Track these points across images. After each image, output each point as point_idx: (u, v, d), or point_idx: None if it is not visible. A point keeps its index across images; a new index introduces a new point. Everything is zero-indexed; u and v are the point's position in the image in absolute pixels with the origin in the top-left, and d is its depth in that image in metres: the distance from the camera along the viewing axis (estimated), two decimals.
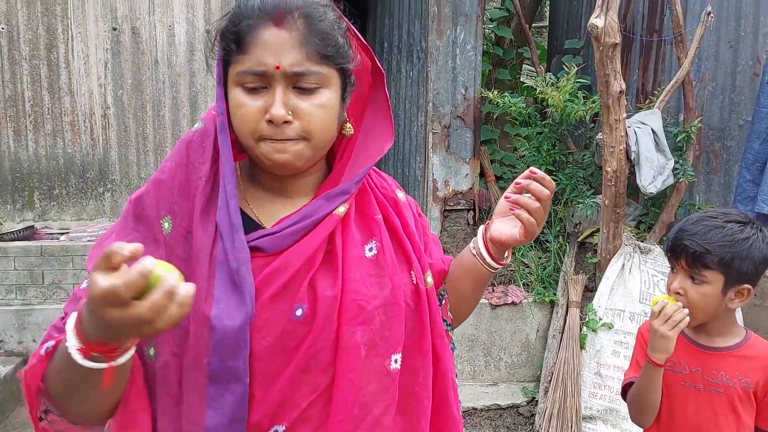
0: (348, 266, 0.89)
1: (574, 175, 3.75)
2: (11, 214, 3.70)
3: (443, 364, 1.00)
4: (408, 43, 4.05)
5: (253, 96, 0.85)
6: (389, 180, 1.08)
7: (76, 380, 0.75)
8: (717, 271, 1.37)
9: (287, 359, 0.85)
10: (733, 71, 3.79)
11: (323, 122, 0.86)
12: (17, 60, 3.59)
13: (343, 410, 0.87)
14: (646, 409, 1.46)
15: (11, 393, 3.16)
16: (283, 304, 0.85)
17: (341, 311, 0.87)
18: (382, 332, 0.91)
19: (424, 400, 0.97)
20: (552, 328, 3.42)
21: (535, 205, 0.94)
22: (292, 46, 0.83)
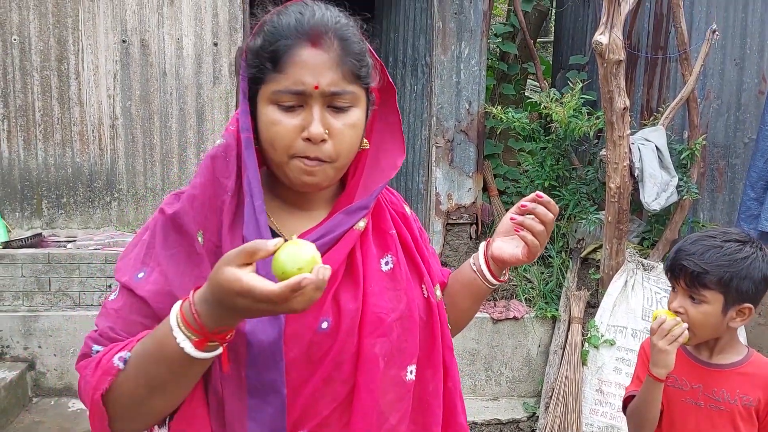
0: (368, 280, 0.92)
1: (577, 191, 3.76)
2: (20, 221, 3.75)
3: (452, 375, 1.04)
4: (413, 57, 4.08)
5: (288, 114, 0.86)
6: (397, 195, 1.11)
7: (175, 376, 0.79)
8: (716, 290, 1.37)
9: (312, 370, 0.88)
10: (738, 89, 3.79)
11: (352, 141, 0.90)
12: (28, 70, 3.65)
13: (363, 419, 0.90)
14: (645, 423, 1.47)
15: (16, 398, 3.19)
16: (309, 317, 0.87)
17: (362, 324, 0.90)
18: (399, 344, 0.94)
19: (435, 409, 1.00)
20: (554, 343, 3.42)
21: (540, 228, 0.99)
22: (329, 67, 0.86)
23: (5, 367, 3.26)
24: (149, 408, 0.82)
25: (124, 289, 0.89)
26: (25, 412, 3.22)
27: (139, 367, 0.80)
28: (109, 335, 0.86)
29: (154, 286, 0.86)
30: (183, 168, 3.77)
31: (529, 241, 0.99)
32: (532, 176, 3.84)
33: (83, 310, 3.41)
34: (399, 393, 0.94)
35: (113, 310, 0.88)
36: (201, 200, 0.88)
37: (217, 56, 3.72)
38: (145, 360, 0.79)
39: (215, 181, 0.89)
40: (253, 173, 0.88)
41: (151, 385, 0.80)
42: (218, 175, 0.89)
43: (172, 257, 0.87)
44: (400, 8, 4.25)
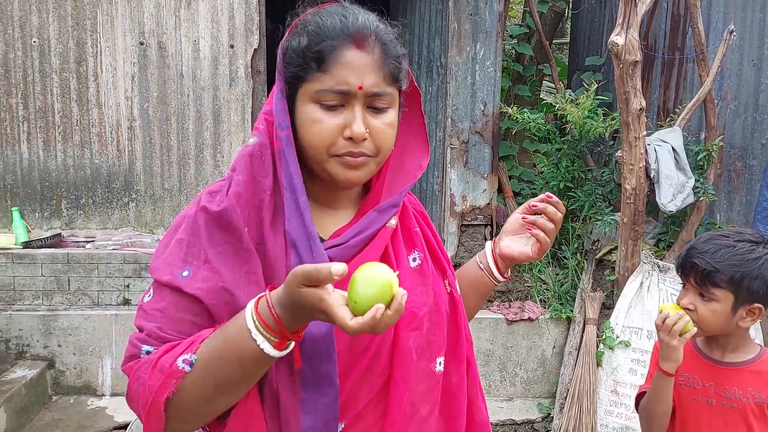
0: (401, 275, 0.93)
1: (592, 192, 3.75)
2: (39, 222, 3.80)
3: (473, 368, 1.07)
4: (428, 58, 4.09)
5: (330, 113, 0.89)
6: (413, 195, 1.14)
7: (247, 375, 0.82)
8: (726, 289, 1.38)
9: (354, 362, 0.90)
10: (756, 90, 3.76)
11: (390, 140, 0.93)
12: (48, 73, 3.70)
13: (398, 410, 0.93)
14: (654, 419, 1.48)
15: (36, 396, 3.24)
16: None
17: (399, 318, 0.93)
18: (429, 337, 0.97)
19: (461, 399, 1.03)
20: (568, 344, 3.41)
21: (551, 227, 1.07)
22: (372, 69, 0.89)
23: (26, 366, 3.31)
24: (212, 408, 0.84)
25: (167, 288, 0.89)
26: (45, 410, 3.27)
27: (210, 369, 0.81)
28: (159, 335, 0.86)
29: (205, 284, 0.87)
30: (200, 169, 3.81)
31: (542, 239, 1.06)
32: (547, 178, 3.83)
33: (102, 309, 3.46)
34: (429, 384, 0.98)
35: (157, 310, 0.88)
36: (245, 198, 0.90)
37: (233, 58, 3.75)
38: (218, 362, 0.81)
39: (254, 180, 0.91)
40: (295, 170, 0.91)
41: (220, 385, 0.82)
42: (256, 174, 0.91)
43: (221, 254, 0.88)
44: (416, 9, 4.26)
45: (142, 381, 0.83)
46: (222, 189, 0.92)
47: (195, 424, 0.87)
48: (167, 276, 0.89)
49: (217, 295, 0.86)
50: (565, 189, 3.79)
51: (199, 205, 0.92)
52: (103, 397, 3.41)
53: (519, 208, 1.13)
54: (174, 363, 0.82)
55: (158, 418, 0.82)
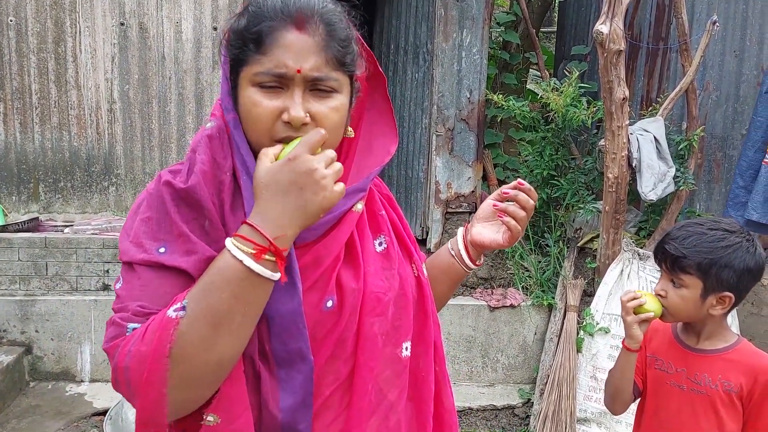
0: (366, 260, 0.94)
1: (575, 181, 3.77)
2: (16, 205, 3.73)
3: (440, 352, 1.06)
4: (414, 45, 4.06)
5: (269, 96, 0.86)
6: (379, 178, 1.12)
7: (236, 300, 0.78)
8: (695, 276, 1.40)
9: (316, 349, 0.88)
10: (737, 81, 3.80)
11: (335, 125, 0.89)
12: (25, 52, 3.62)
13: (363, 397, 0.92)
14: (616, 392, 1.53)
15: (13, 382, 3.19)
16: (316, 295, 0.88)
17: (362, 303, 0.92)
18: (394, 322, 0.96)
19: (429, 384, 1.02)
20: (549, 331, 3.45)
21: (522, 214, 1.06)
22: (314, 51, 0.85)
23: (2, 351, 3.26)
24: (217, 353, 0.79)
25: (143, 266, 0.85)
26: (22, 396, 3.22)
27: (202, 303, 0.78)
28: (143, 312, 0.83)
29: (191, 256, 0.85)
30: (181, 153, 3.76)
31: (512, 227, 1.06)
32: (532, 166, 3.85)
33: (80, 294, 3.41)
34: (396, 370, 0.97)
35: (137, 289, 0.85)
36: (210, 176, 0.88)
37: (216, 40, 3.69)
38: (209, 296, 0.78)
39: (214, 161, 0.89)
40: (247, 151, 0.89)
41: (216, 319, 0.78)
42: (215, 155, 0.90)
43: (193, 231, 0.86)
44: None
45: (134, 351, 0.78)
46: (183, 168, 0.90)
47: (199, 385, 0.81)
48: (141, 254, 0.86)
49: (205, 265, 0.83)
50: (548, 177, 3.81)
51: (161, 181, 0.89)
52: (81, 383, 3.37)
53: (491, 195, 1.12)
54: (165, 317, 0.79)
55: (161, 383, 0.76)
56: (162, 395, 0.77)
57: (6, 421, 2.98)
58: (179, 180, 0.88)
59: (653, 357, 1.53)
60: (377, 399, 0.94)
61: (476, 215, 1.13)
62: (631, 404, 1.57)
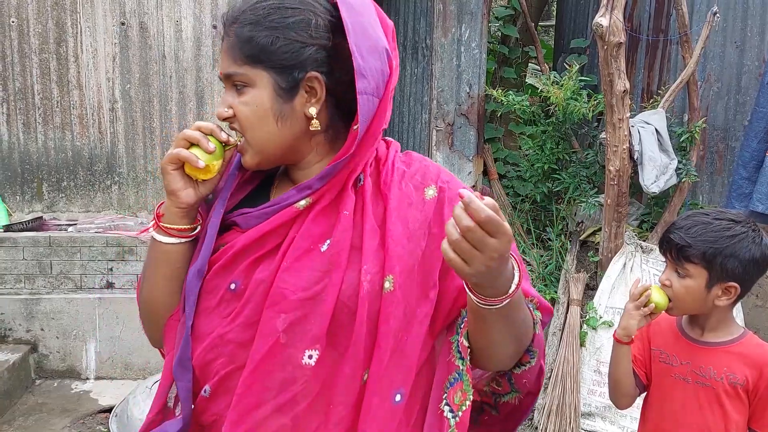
0: (289, 256, 0.93)
1: (577, 174, 3.77)
2: (20, 205, 3.75)
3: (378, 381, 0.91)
4: (413, 40, 4.07)
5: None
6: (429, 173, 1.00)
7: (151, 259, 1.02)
8: (700, 265, 1.39)
9: (219, 324, 0.95)
10: (738, 72, 3.79)
11: (249, 119, 0.95)
12: (27, 53, 3.64)
13: (246, 385, 0.91)
14: (615, 385, 1.53)
15: (19, 380, 3.22)
16: (225, 275, 0.96)
17: (268, 296, 0.92)
18: (302, 325, 0.90)
19: (340, 408, 0.91)
20: (552, 325, 3.44)
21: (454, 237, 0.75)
22: (225, 52, 0.96)
23: (8, 350, 3.29)
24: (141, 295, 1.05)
25: None
26: (28, 394, 3.25)
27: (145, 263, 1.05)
28: None
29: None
30: None
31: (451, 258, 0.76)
32: (532, 160, 3.84)
33: (85, 292, 3.43)
34: (291, 374, 0.90)
35: None
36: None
37: (216, 39, 3.70)
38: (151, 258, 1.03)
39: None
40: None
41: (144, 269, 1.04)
42: None
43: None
44: None
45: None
46: None
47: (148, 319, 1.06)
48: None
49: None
50: (549, 171, 3.81)
51: None
52: (87, 380, 3.39)
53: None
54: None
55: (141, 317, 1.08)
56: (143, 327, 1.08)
57: (13, 419, 3.01)
58: None
59: (658, 350, 1.52)
60: (263, 395, 0.90)
61: None
62: (637, 398, 1.57)
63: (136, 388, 2.97)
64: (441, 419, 0.93)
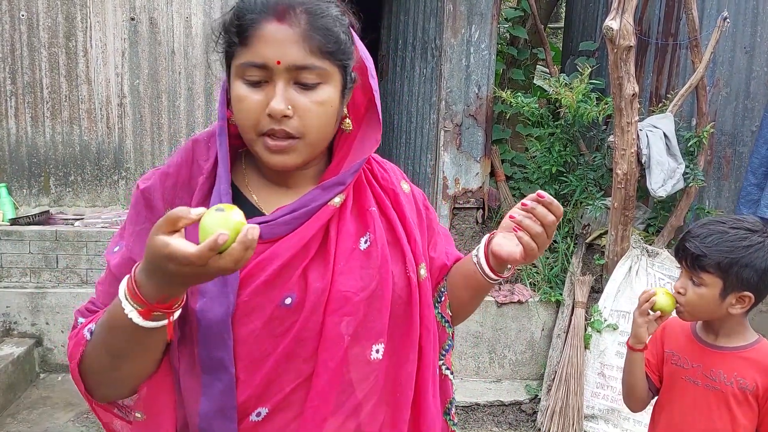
0: (339, 258, 0.91)
1: (584, 177, 3.76)
2: (27, 198, 3.76)
3: (426, 357, 1.00)
4: (422, 40, 4.06)
5: (254, 90, 0.86)
6: (394, 171, 1.07)
7: (131, 345, 0.81)
8: (715, 275, 1.39)
9: (274, 345, 0.88)
10: (747, 77, 3.78)
11: (320, 119, 0.87)
12: (36, 47, 3.64)
13: (321, 396, 0.89)
14: (629, 390, 1.54)
15: (23, 374, 3.22)
16: (274, 291, 0.87)
17: (328, 302, 0.89)
18: (366, 323, 0.92)
19: (407, 391, 0.98)
20: (557, 327, 3.45)
21: (538, 230, 0.91)
22: (295, 42, 0.84)
23: (13, 343, 3.29)
24: (119, 375, 0.85)
25: (106, 263, 0.95)
26: (32, 388, 3.25)
27: (100, 337, 0.83)
28: (91, 308, 0.93)
29: (119, 260, 0.91)
30: None
31: (525, 243, 0.92)
32: (540, 162, 3.84)
33: (90, 287, 3.43)
34: (363, 372, 0.93)
35: (98, 284, 0.94)
36: (174, 179, 0.91)
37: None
38: (104, 331, 0.83)
39: (194, 163, 0.91)
40: (223, 158, 0.89)
41: (113, 353, 0.83)
42: (197, 158, 0.91)
43: (140, 232, 0.90)
44: None
45: (68, 348, 0.89)
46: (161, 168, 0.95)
47: (113, 389, 0.88)
48: (108, 253, 0.95)
49: (125, 270, 0.84)
50: (556, 173, 3.81)
51: (137, 182, 0.96)
52: None
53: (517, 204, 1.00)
54: (81, 332, 0.87)
55: (78, 382, 0.87)
56: (81, 389, 0.88)
57: (17, 412, 3.01)
58: (144, 179, 0.94)
59: (671, 353, 1.52)
60: (340, 399, 0.91)
61: (501, 224, 1.01)
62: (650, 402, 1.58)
63: None
64: (446, 381, 1.09)
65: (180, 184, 0.90)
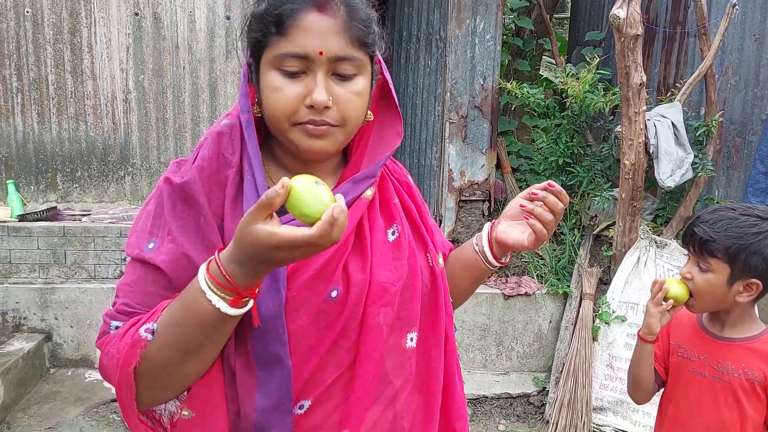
0: (374, 250, 0.93)
1: (591, 168, 3.73)
2: (35, 194, 3.78)
3: (451, 344, 1.04)
4: (427, 32, 4.04)
5: (291, 80, 0.85)
6: (400, 165, 1.12)
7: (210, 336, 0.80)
8: (722, 261, 1.38)
9: (319, 338, 0.89)
10: (757, 65, 3.73)
11: (357, 109, 0.88)
12: (41, 43, 3.65)
13: (364, 386, 0.91)
14: (635, 381, 1.53)
15: (33, 368, 3.25)
16: (321, 285, 0.88)
17: (369, 293, 0.91)
18: (399, 313, 0.95)
19: (438, 376, 1.01)
20: (565, 319, 3.43)
21: (549, 218, 1.00)
22: (336, 33, 0.84)
23: (23, 338, 3.32)
24: (183, 373, 0.83)
25: (137, 262, 0.88)
26: (42, 382, 3.28)
27: (172, 335, 0.80)
28: (126, 311, 0.87)
29: (169, 256, 0.86)
30: (195, 142, 3.76)
31: (538, 230, 0.99)
32: (546, 153, 3.81)
33: (98, 282, 3.45)
34: (400, 361, 0.96)
35: (126, 285, 0.88)
36: (208, 172, 0.89)
37: (230, 30, 3.70)
38: (178, 326, 0.80)
39: (220, 156, 0.89)
40: (254, 150, 0.89)
41: (186, 349, 0.81)
42: (223, 151, 0.90)
43: (183, 227, 0.87)
44: None
45: (111, 355, 0.83)
46: (188, 161, 0.92)
47: (169, 391, 0.85)
48: (136, 250, 0.88)
49: (180, 267, 0.85)
50: (564, 164, 3.78)
51: (163, 176, 0.91)
52: None
53: (521, 193, 1.07)
54: (137, 333, 0.82)
55: (129, 389, 0.82)
56: (132, 396, 0.82)
57: (28, 407, 3.04)
58: (180, 174, 0.90)
59: (677, 345, 1.51)
60: (379, 389, 0.94)
61: (504, 212, 1.08)
62: (655, 394, 1.56)
63: None
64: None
65: (212, 177, 0.89)
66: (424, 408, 1.00)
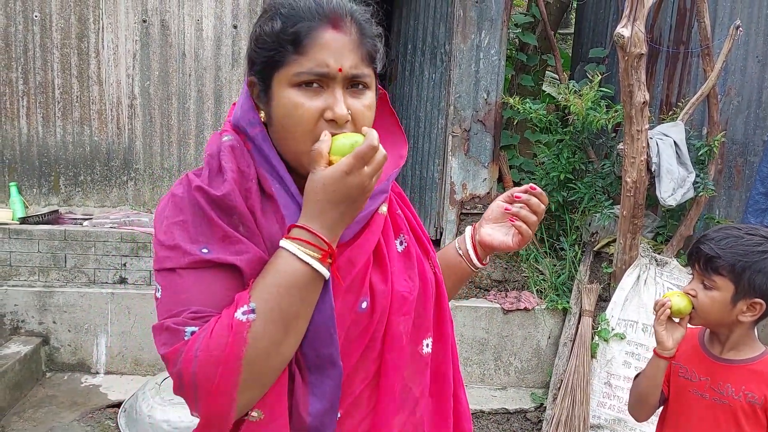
0: (392, 260, 0.96)
1: (592, 184, 3.74)
2: (37, 198, 3.78)
3: (454, 347, 1.08)
4: (432, 45, 4.06)
5: (310, 97, 0.86)
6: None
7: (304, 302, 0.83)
8: (727, 278, 1.38)
9: (350, 349, 0.90)
10: (759, 86, 3.75)
11: (369, 122, 0.91)
12: (48, 48, 3.67)
13: (389, 394, 0.94)
14: (641, 398, 1.52)
15: (30, 372, 3.24)
16: (352, 296, 0.89)
17: (391, 303, 0.94)
18: (416, 320, 0.98)
19: (449, 380, 1.04)
20: (563, 335, 3.42)
21: (533, 219, 1.06)
22: (351, 50, 0.87)
23: (20, 341, 3.31)
24: (283, 355, 0.82)
25: (188, 269, 0.84)
26: (38, 386, 3.27)
27: (273, 309, 0.80)
28: (199, 315, 0.82)
29: (242, 255, 0.84)
30: (199, 150, 3.79)
31: (524, 231, 1.06)
32: (548, 168, 3.83)
33: (98, 287, 3.45)
34: (418, 367, 0.99)
35: (182, 293, 0.83)
36: (238, 185, 0.88)
37: (236, 38, 3.72)
38: (278, 299, 0.80)
39: (239, 170, 0.89)
40: (278, 161, 0.90)
41: (286, 321, 0.81)
42: (239, 165, 0.90)
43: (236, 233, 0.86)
44: None
45: (202, 357, 0.77)
46: (204, 173, 0.90)
47: (267, 383, 0.83)
48: (185, 258, 0.84)
49: (255, 264, 0.84)
50: (565, 180, 3.79)
51: (193, 186, 0.87)
52: (97, 374, 3.41)
53: (501, 196, 1.12)
54: (233, 320, 0.79)
55: (233, 387, 0.78)
56: (232, 398, 0.78)
57: (23, 411, 3.03)
58: (214, 186, 0.87)
59: (678, 364, 1.51)
60: (403, 396, 0.96)
61: (485, 216, 1.13)
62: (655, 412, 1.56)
63: (145, 383, 2.98)
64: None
65: (240, 189, 0.88)
66: (437, 412, 1.03)
